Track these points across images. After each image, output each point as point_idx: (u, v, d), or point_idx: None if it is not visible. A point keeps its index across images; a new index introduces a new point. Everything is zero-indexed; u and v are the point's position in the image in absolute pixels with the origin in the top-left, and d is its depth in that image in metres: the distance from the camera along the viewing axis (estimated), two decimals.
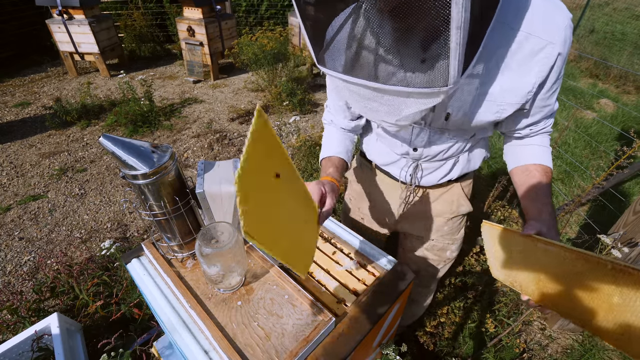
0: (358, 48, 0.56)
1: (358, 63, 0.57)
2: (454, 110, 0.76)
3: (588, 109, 4.28)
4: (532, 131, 0.86)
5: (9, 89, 4.61)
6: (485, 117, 0.76)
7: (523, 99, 0.72)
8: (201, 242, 0.75)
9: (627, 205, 1.61)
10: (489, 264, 0.81)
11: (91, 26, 4.48)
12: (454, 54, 0.46)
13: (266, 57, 4.29)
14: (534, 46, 0.65)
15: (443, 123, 0.81)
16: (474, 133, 0.89)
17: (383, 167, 1.08)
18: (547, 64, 0.67)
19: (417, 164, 0.98)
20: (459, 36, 0.44)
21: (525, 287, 0.70)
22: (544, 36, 0.64)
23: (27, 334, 1.30)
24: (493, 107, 0.74)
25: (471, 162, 1.00)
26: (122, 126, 3.72)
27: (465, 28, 0.44)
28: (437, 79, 0.50)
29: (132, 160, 0.72)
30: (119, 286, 1.62)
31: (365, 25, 0.54)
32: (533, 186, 0.81)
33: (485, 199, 2.17)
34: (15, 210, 2.64)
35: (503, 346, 1.64)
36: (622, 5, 9.50)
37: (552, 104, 0.79)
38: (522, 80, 0.69)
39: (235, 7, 6.45)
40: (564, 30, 0.64)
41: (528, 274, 0.69)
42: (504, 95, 0.71)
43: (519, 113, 0.80)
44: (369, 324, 0.80)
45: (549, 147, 0.88)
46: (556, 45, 0.65)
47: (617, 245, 1.16)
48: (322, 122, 1.09)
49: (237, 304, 0.83)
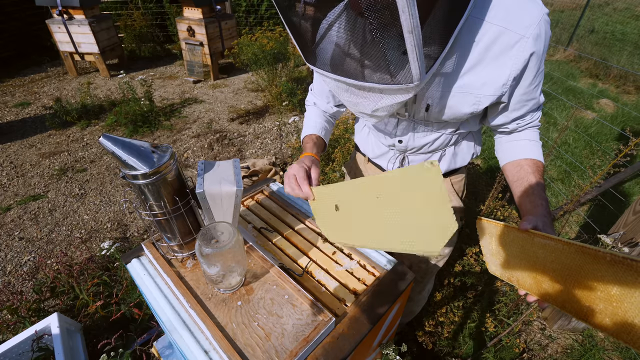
0: (335, 48, 0.63)
1: (337, 61, 0.63)
2: (434, 101, 0.80)
3: (588, 109, 4.28)
4: (520, 125, 0.87)
5: (9, 89, 4.62)
6: (463, 108, 0.79)
7: (498, 92, 0.75)
8: (201, 242, 0.75)
9: (627, 205, 1.61)
10: (485, 260, 0.81)
11: (91, 26, 4.48)
12: (412, 55, 0.52)
13: (266, 57, 4.29)
14: (508, 40, 0.68)
15: (424, 115, 0.85)
16: (458, 127, 0.91)
17: (374, 159, 1.12)
18: (522, 57, 0.69)
19: (404, 156, 1.02)
20: (413, 39, 0.49)
21: (523, 282, 0.70)
22: (518, 30, 0.67)
23: (27, 334, 1.30)
24: (470, 98, 0.76)
25: (458, 156, 1.01)
26: (122, 126, 3.72)
27: (417, 31, 0.49)
28: (403, 77, 0.57)
29: (132, 160, 0.72)
30: (119, 286, 1.62)
31: (341, 27, 0.60)
32: (526, 181, 0.82)
33: (485, 199, 2.17)
34: (15, 210, 2.64)
35: (503, 346, 1.64)
36: (622, 5, 9.50)
37: (537, 97, 0.80)
38: (497, 73, 0.72)
39: (235, 7, 6.46)
40: (537, 25, 0.66)
41: (526, 269, 0.69)
42: (480, 87, 0.74)
43: (500, 106, 0.83)
44: (369, 324, 0.80)
45: (539, 141, 0.89)
46: (529, 39, 0.67)
47: (617, 245, 1.16)
48: (305, 103, 1.14)
49: (237, 304, 0.83)
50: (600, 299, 0.55)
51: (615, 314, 0.53)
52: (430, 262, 1.26)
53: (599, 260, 0.55)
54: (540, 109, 0.87)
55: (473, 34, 0.68)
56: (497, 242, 0.76)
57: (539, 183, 0.81)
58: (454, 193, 1.11)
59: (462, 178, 1.12)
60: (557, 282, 0.63)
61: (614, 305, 0.54)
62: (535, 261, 0.66)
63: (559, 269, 0.62)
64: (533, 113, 0.86)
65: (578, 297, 0.59)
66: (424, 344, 1.67)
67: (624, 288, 0.52)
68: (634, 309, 0.51)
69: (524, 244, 0.69)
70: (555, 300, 0.63)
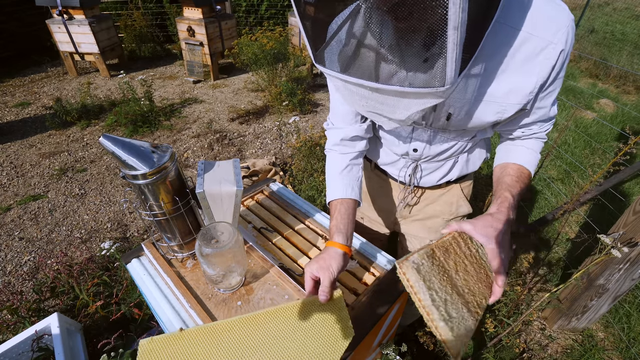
0: (355, 48, 0.56)
1: (355, 62, 0.57)
2: (456, 110, 0.76)
3: (588, 109, 4.28)
4: (524, 134, 0.85)
5: (9, 89, 4.61)
6: (487, 117, 0.76)
7: (525, 99, 0.71)
8: (201, 242, 0.75)
9: (627, 205, 1.60)
10: (435, 325, 0.56)
11: (91, 26, 4.48)
12: (451, 55, 0.46)
13: (266, 57, 4.29)
14: (535, 46, 0.65)
15: (444, 123, 0.81)
16: (475, 134, 0.89)
17: (382, 166, 1.08)
18: (548, 64, 0.66)
19: (417, 164, 0.98)
20: (456, 36, 0.44)
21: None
22: (546, 36, 0.64)
23: (27, 334, 1.30)
24: (495, 107, 0.73)
25: (470, 162, 1.00)
26: (122, 126, 3.72)
27: (462, 29, 0.44)
28: (434, 79, 0.50)
29: (132, 160, 0.72)
30: (119, 286, 1.62)
31: (363, 24, 0.54)
32: (501, 182, 0.81)
33: (485, 199, 2.17)
34: (16, 210, 2.64)
35: (503, 346, 1.64)
36: (622, 5, 9.50)
37: (548, 106, 0.77)
38: (524, 81, 0.69)
39: (235, 7, 6.46)
40: (566, 31, 0.64)
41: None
42: (506, 96, 0.71)
43: (519, 114, 0.79)
44: (369, 324, 0.80)
45: (539, 153, 0.86)
46: (557, 45, 0.64)
47: (616, 245, 1.16)
48: (326, 151, 1.00)
49: (237, 304, 0.83)
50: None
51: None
52: None
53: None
54: (550, 121, 0.82)
55: (498, 40, 0.65)
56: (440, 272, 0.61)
57: (510, 183, 0.78)
58: (463, 198, 1.09)
59: (470, 183, 1.10)
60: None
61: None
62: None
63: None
64: (542, 124, 0.82)
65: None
66: (425, 344, 1.67)
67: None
68: None
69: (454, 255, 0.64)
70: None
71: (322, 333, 0.72)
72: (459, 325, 0.55)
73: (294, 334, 0.72)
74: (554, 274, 2.12)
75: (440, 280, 0.58)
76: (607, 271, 1.48)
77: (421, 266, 0.57)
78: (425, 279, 0.56)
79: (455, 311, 0.56)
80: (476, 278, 0.63)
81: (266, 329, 0.73)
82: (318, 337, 0.71)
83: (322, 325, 0.73)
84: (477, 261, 0.65)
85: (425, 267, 0.57)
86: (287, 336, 0.71)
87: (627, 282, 1.52)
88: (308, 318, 0.74)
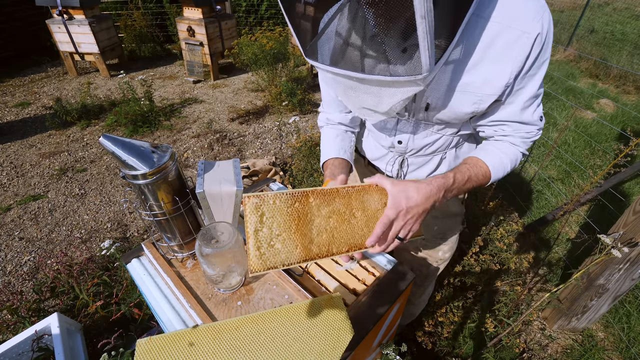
0: (339, 40, 0.60)
1: (340, 54, 0.60)
2: (434, 100, 0.78)
3: (588, 109, 4.28)
4: (497, 133, 0.84)
5: (9, 89, 4.62)
6: (464, 108, 0.77)
7: (499, 90, 0.73)
8: (201, 242, 0.75)
9: (627, 205, 1.60)
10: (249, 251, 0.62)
11: (91, 26, 4.48)
12: (423, 43, 0.49)
13: (266, 57, 4.29)
14: (510, 37, 0.67)
15: (424, 114, 0.83)
16: (459, 128, 0.90)
17: (373, 161, 1.10)
18: (523, 53, 0.68)
19: (403, 158, 1.00)
20: (425, 25, 0.47)
21: (291, 254, 0.64)
22: (520, 27, 0.66)
23: (27, 334, 1.30)
24: (471, 97, 0.75)
25: (459, 160, 0.99)
26: (122, 126, 3.72)
27: (430, 17, 0.46)
28: (412, 68, 0.54)
29: (132, 160, 0.72)
30: (119, 286, 1.62)
31: (347, 18, 0.58)
32: (455, 167, 0.80)
33: (484, 199, 2.17)
34: (16, 210, 2.64)
35: (503, 346, 1.64)
36: (622, 5, 9.50)
37: (522, 102, 0.75)
38: (499, 71, 0.70)
39: (235, 7, 6.46)
40: (540, 16, 0.65)
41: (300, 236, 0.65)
42: (480, 87, 0.73)
43: (495, 105, 0.78)
44: (369, 324, 0.80)
45: (510, 159, 0.83)
46: (532, 33, 0.66)
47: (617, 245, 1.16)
48: (318, 125, 1.10)
49: (237, 304, 0.83)
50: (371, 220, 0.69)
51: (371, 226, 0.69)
52: (432, 266, 1.25)
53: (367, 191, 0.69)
54: (527, 127, 0.80)
55: (473, 32, 0.67)
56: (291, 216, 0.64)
57: (463, 170, 0.78)
58: (456, 198, 1.10)
59: None
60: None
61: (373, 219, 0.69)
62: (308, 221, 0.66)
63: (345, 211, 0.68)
64: (517, 126, 0.80)
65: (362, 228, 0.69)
66: (424, 344, 1.67)
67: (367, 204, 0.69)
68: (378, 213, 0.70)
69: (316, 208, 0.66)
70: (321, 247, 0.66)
71: (322, 333, 0.72)
72: (275, 255, 0.62)
73: (294, 334, 0.72)
74: (554, 274, 2.13)
75: (287, 220, 0.63)
76: (607, 271, 1.48)
77: (264, 204, 0.62)
78: (264, 214, 0.62)
79: (282, 245, 0.62)
80: (357, 228, 0.69)
81: (266, 329, 0.73)
82: (318, 337, 0.72)
83: (322, 326, 0.74)
84: (373, 214, 0.70)
85: (270, 206, 0.62)
86: (287, 336, 0.72)
87: (627, 282, 1.52)
88: (307, 318, 0.75)
